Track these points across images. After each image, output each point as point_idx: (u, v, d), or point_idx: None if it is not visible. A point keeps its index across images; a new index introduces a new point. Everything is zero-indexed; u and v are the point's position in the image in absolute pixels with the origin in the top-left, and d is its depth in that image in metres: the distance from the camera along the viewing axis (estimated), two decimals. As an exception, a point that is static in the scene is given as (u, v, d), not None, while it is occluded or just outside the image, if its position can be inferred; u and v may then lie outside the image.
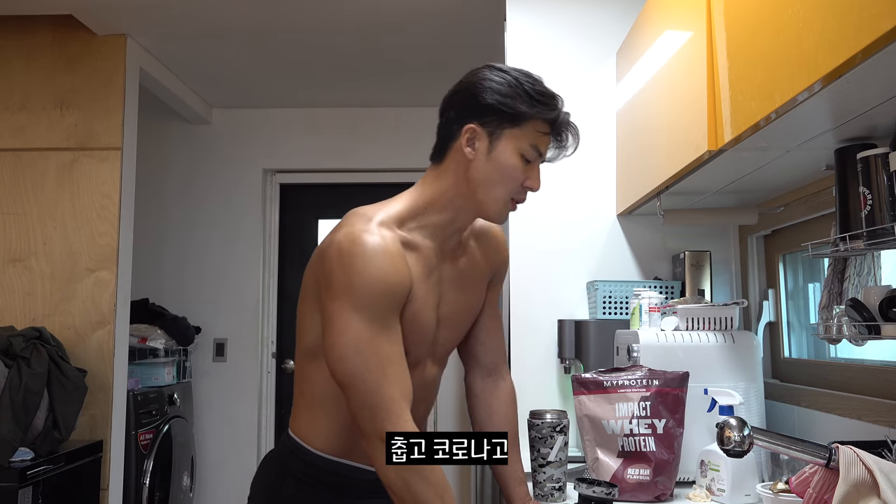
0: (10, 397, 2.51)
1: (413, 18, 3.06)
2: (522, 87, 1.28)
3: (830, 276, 1.60)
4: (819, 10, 1.04)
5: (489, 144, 1.29)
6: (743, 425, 1.23)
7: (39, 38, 3.17)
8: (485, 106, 1.28)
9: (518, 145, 1.29)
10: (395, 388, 1.19)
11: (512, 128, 1.28)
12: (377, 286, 1.20)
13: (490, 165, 1.29)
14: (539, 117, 1.28)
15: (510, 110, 1.27)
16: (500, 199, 1.31)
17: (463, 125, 1.29)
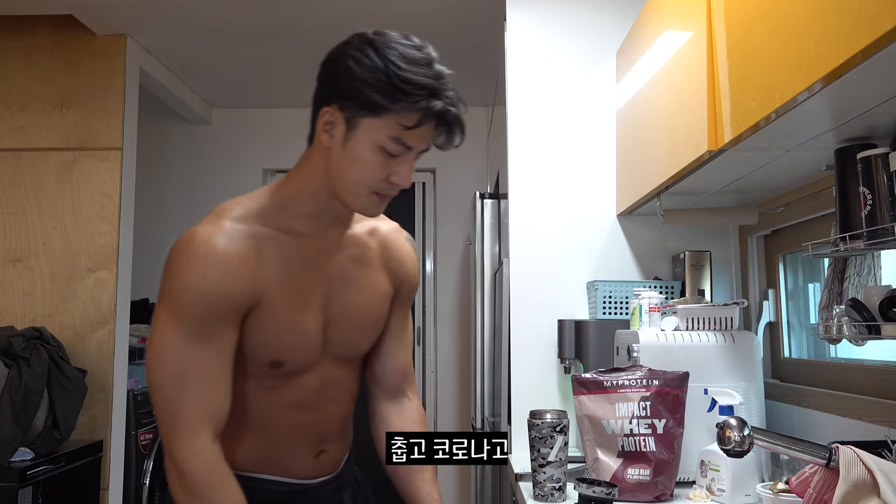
0: (10, 397, 2.51)
1: (413, 18, 3.07)
2: (388, 72, 1.09)
3: (830, 276, 1.60)
4: (819, 10, 1.04)
5: (345, 133, 1.13)
6: (743, 425, 1.23)
7: (39, 38, 3.17)
8: (342, 89, 1.12)
9: (376, 138, 1.12)
10: (194, 404, 1.09)
11: (370, 117, 1.11)
12: (198, 294, 1.10)
13: (345, 157, 1.14)
14: (401, 111, 1.10)
15: (366, 99, 1.10)
16: (359, 194, 1.16)
17: (321, 107, 1.15)
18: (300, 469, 1.28)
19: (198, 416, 1.10)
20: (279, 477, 1.26)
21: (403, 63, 1.11)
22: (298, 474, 1.27)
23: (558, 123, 2.35)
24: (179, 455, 1.09)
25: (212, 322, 1.11)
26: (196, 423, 1.09)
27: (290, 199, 1.20)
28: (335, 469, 1.33)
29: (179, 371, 1.10)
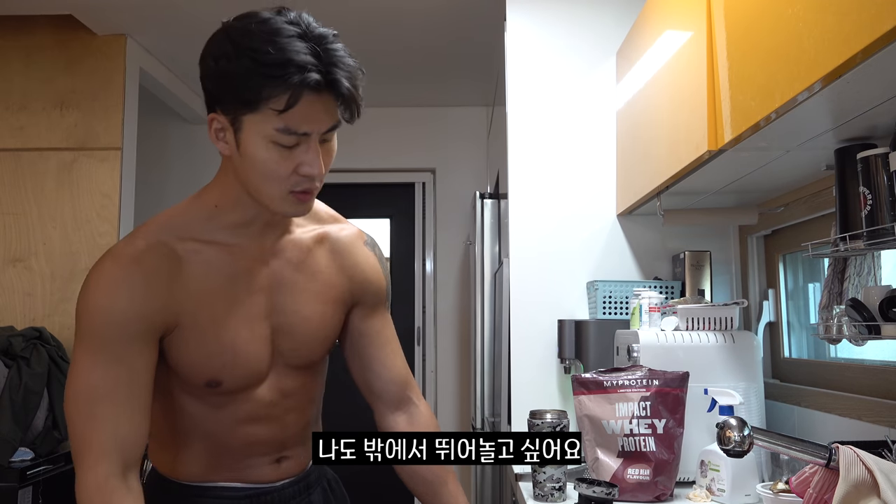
0: (10, 397, 2.51)
1: (413, 18, 3.06)
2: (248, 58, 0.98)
3: (830, 276, 1.60)
4: (819, 10, 1.04)
5: (235, 137, 1.03)
6: (743, 425, 1.23)
7: (39, 38, 3.17)
8: (214, 92, 1.04)
9: (263, 132, 1.01)
10: (100, 432, 1.02)
11: (249, 114, 1.00)
12: (104, 315, 1.04)
13: (244, 162, 1.04)
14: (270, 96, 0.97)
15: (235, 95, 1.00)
16: (275, 196, 1.06)
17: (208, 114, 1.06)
18: (259, 475, 1.24)
19: (102, 445, 1.02)
20: (235, 483, 1.22)
21: (261, 42, 0.98)
22: (257, 480, 1.24)
23: (558, 123, 2.35)
24: (80, 484, 1.02)
25: (122, 344, 1.05)
26: (101, 453, 1.02)
27: (213, 210, 1.13)
28: (300, 471, 1.30)
29: (87, 397, 1.04)
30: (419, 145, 4.16)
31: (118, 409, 1.04)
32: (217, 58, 1.01)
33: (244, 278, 1.15)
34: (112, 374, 1.04)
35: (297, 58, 0.97)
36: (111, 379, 1.04)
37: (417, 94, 3.96)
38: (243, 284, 1.15)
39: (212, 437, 1.20)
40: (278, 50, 0.97)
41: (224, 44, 1.01)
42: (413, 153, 4.15)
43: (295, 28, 1.01)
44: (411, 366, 4.18)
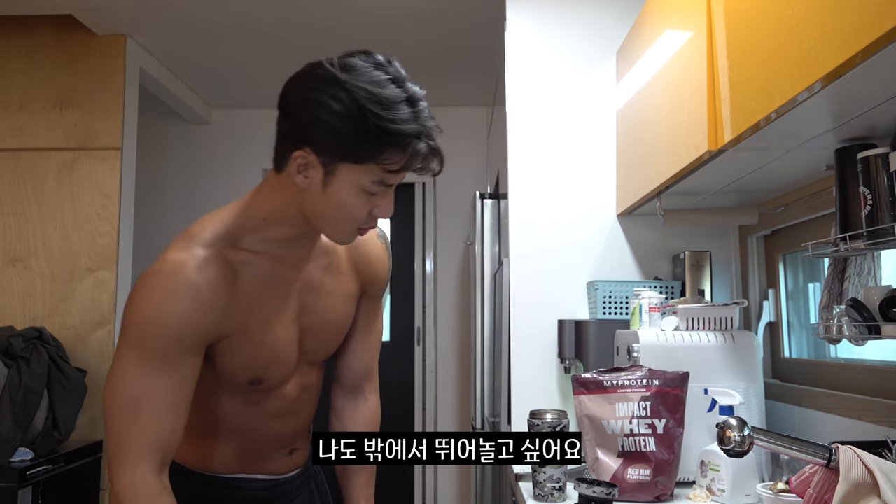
0: (10, 397, 2.51)
1: (413, 18, 3.07)
2: (366, 119, 1.04)
3: (830, 276, 1.60)
4: (819, 10, 1.04)
5: (324, 178, 1.09)
6: (743, 425, 1.23)
7: (39, 38, 3.17)
8: (316, 135, 1.07)
9: (359, 183, 1.09)
10: (143, 435, 1.07)
11: (352, 164, 1.07)
12: (165, 326, 1.07)
13: (326, 200, 1.10)
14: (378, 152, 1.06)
15: (348, 151, 1.06)
16: (345, 231, 1.16)
17: (293, 149, 1.09)
18: (276, 467, 1.34)
19: (144, 447, 1.07)
20: (257, 475, 1.31)
21: (381, 109, 1.04)
22: (274, 471, 1.33)
23: (558, 123, 2.35)
24: (121, 484, 1.06)
25: (176, 353, 1.09)
26: (141, 453, 1.07)
27: (261, 223, 1.17)
28: (304, 462, 1.41)
29: (133, 401, 1.07)
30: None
31: (163, 415, 1.09)
32: (332, 110, 1.04)
33: (283, 285, 1.21)
34: (162, 382, 1.08)
35: (410, 128, 1.06)
36: (160, 386, 1.08)
37: (417, 94, 3.96)
38: (282, 290, 1.21)
39: (244, 432, 1.27)
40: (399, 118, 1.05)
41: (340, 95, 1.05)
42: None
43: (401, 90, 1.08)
44: (411, 366, 4.18)
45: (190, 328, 1.09)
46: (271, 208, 1.17)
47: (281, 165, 1.13)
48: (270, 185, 1.17)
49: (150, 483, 1.07)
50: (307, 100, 1.08)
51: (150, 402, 1.07)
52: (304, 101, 1.09)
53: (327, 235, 1.19)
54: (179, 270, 1.09)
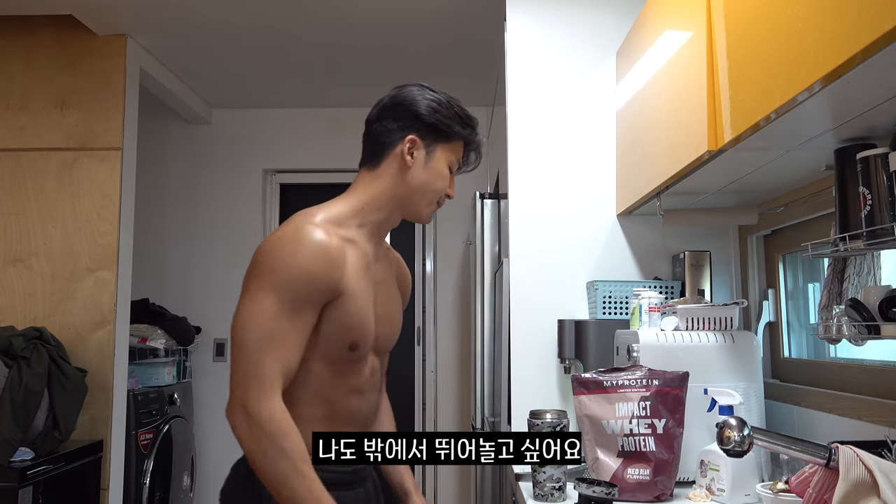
0: (11, 397, 2.51)
1: (413, 18, 3.07)
2: (453, 109, 1.46)
3: (830, 276, 1.60)
4: (819, 10, 1.04)
5: (426, 155, 1.44)
6: (743, 425, 1.23)
7: (39, 38, 3.17)
8: (425, 121, 1.43)
9: (448, 158, 1.46)
10: (275, 365, 1.25)
11: (444, 143, 1.45)
12: (299, 273, 1.28)
13: (426, 173, 1.44)
14: (464, 137, 1.48)
15: (446, 129, 1.44)
16: (432, 202, 1.47)
17: (403, 136, 1.44)
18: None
19: (276, 375, 1.25)
20: None
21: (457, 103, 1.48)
22: None
23: (558, 123, 2.35)
24: (256, 405, 1.23)
25: (304, 302, 1.28)
26: (274, 380, 1.24)
27: (359, 210, 1.43)
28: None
29: (268, 335, 1.25)
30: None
31: (290, 353, 1.27)
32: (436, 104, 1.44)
33: (369, 271, 1.42)
34: (292, 323, 1.27)
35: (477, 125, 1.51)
36: (290, 327, 1.27)
37: (417, 94, 3.96)
38: (369, 275, 1.42)
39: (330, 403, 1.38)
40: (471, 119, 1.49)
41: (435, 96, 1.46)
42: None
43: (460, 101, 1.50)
44: (411, 366, 4.18)
45: (319, 281, 1.29)
46: (370, 196, 1.44)
47: (378, 160, 1.45)
48: (366, 180, 1.46)
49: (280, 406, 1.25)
50: (415, 99, 1.44)
51: (282, 340, 1.26)
52: (412, 101, 1.44)
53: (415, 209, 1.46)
54: (312, 232, 1.31)
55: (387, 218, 1.46)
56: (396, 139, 1.44)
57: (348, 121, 4.20)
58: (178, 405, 3.68)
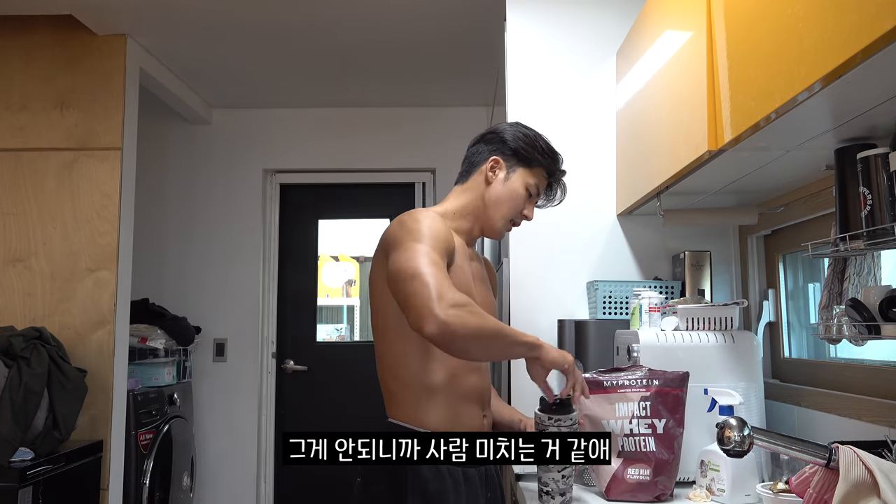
0: (10, 397, 2.51)
1: (413, 18, 3.07)
2: (538, 142, 1.71)
3: (830, 276, 1.60)
4: (819, 10, 1.04)
5: (506, 174, 1.70)
6: (743, 425, 1.23)
7: (39, 38, 3.17)
8: (509, 146, 1.70)
9: (526, 181, 1.70)
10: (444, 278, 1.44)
11: (525, 168, 1.70)
12: (435, 232, 1.52)
13: (504, 189, 1.70)
14: (545, 167, 1.71)
15: (527, 155, 1.70)
16: (505, 218, 1.71)
17: (489, 156, 1.71)
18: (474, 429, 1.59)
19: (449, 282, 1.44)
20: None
21: (544, 138, 1.74)
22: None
23: (558, 123, 2.35)
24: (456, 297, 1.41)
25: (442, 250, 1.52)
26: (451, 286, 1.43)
27: (450, 215, 1.71)
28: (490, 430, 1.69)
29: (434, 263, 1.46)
30: (419, 145, 4.16)
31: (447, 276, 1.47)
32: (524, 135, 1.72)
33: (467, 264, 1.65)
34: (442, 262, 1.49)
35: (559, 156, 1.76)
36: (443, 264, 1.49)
37: (417, 94, 3.96)
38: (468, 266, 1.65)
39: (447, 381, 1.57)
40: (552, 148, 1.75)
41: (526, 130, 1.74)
42: (413, 153, 4.15)
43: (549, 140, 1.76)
44: (411, 366, 4.18)
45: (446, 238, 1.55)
46: (459, 205, 1.73)
47: (468, 177, 1.75)
48: (456, 193, 1.76)
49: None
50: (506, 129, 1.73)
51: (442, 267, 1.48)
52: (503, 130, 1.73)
53: (491, 223, 1.71)
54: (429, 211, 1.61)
55: (470, 227, 1.72)
56: (483, 159, 1.72)
57: (348, 121, 4.22)
58: (178, 405, 3.68)
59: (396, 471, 1.48)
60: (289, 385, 4.24)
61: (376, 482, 1.52)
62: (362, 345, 4.38)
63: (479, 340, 1.42)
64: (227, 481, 4.01)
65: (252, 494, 4.02)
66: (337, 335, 4.56)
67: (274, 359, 4.21)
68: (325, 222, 4.40)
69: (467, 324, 1.38)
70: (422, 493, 1.47)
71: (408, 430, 1.53)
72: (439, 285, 1.40)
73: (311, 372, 4.24)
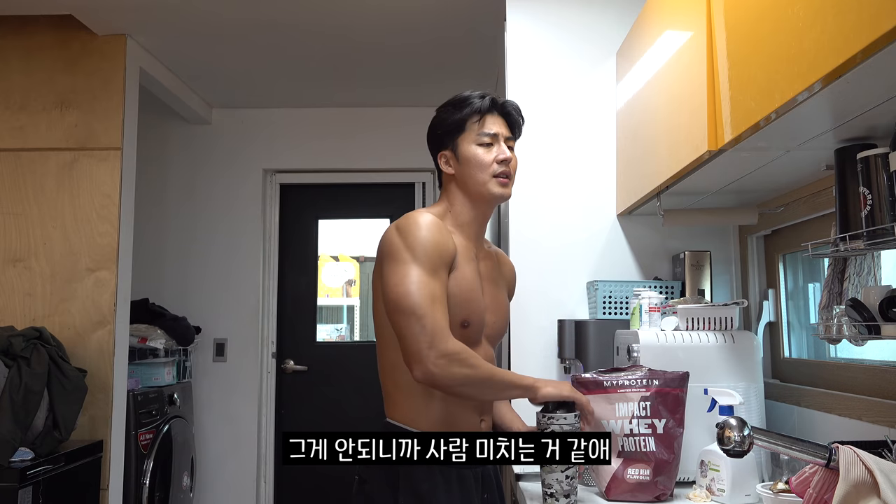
0: (11, 397, 2.51)
1: (413, 18, 3.07)
2: (445, 107, 1.68)
3: (830, 276, 1.60)
4: (819, 10, 1.04)
5: (454, 155, 1.66)
6: (743, 425, 1.23)
7: (39, 38, 3.17)
8: (436, 137, 1.69)
9: (470, 140, 1.64)
10: (444, 319, 1.46)
11: (458, 135, 1.65)
12: (430, 244, 1.51)
13: (464, 167, 1.65)
14: (468, 117, 1.65)
15: (449, 126, 1.66)
16: (486, 180, 1.63)
17: (436, 156, 1.70)
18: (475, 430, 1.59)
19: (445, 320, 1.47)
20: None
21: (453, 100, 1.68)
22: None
23: (558, 123, 2.35)
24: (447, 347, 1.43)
25: (441, 266, 1.52)
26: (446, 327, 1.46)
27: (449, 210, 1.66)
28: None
29: (431, 298, 1.46)
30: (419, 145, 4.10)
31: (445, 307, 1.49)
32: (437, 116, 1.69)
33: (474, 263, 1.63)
34: (439, 283, 1.50)
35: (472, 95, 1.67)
36: (439, 287, 1.50)
37: (417, 94, 3.96)
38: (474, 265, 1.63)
39: None
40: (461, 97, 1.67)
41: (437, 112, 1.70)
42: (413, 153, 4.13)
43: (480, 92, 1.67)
44: (411, 366, 4.17)
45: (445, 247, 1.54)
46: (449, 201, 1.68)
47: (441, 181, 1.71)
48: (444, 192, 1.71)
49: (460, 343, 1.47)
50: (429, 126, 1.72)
51: (439, 297, 1.48)
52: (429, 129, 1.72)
53: (481, 193, 1.64)
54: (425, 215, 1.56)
55: (474, 214, 1.67)
56: (437, 162, 1.71)
57: (348, 121, 4.22)
58: (177, 405, 3.68)
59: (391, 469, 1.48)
60: (289, 385, 4.24)
61: (370, 480, 1.53)
62: (362, 345, 4.38)
63: (467, 388, 1.48)
64: (227, 481, 4.01)
65: (252, 494, 4.02)
66: (337, 335, 4.56)
67: (274, 359, 4.21)
68: (324, 222, 4.40)
69: (454, 375, 1.42)
70: (413, 491, 1.48)
71: (405, 430, 1.52)
72: (433, 329, 1.42)
73: (311, 372, 4.24)
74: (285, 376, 4.23)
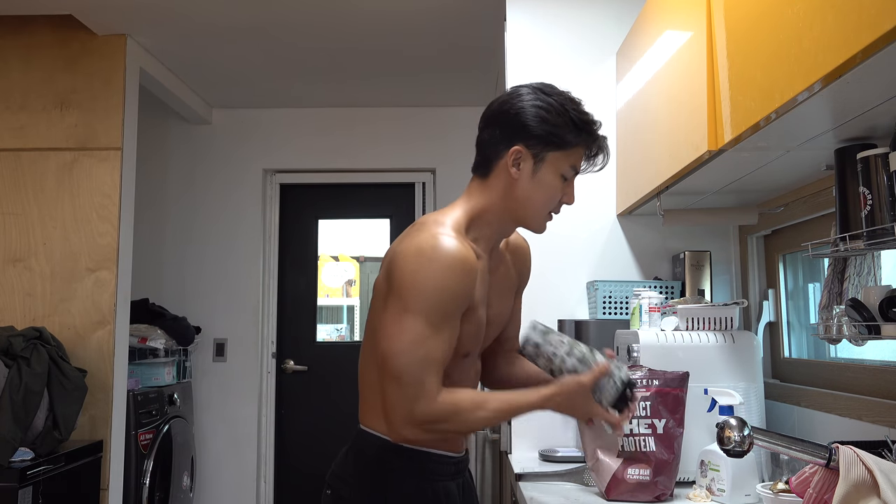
0: (10, 397, 2.51)
1: (413, 18, 3.06)
2: (568, 114, 1.37)
3: (830, 276, 1.60)
4: (819, 10, 1.04)
5: (533, 166, 1.39)
6: (743, 425, 1.23)
7: (39, 38, 3.17)
8: (532, 131, 1.37)
9: (560, 168, 1.40)
10: (434, 383, 1.30)
11: (556, 151, 1.38)
12: (444, 293, 1.30)
13: (534, 186, 1.40)
14: (578, 143, 1.39)
15: (557, 139, 1.37)
16: (542, 215, 1.44)
17: (509, 146, 1.38)
18: (457, 445, 1.48)
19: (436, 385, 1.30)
20: (449, 452, 1.44)
21: (574, 105, 1.38)
22: (456, 449, 1.48)
23: (558, 123, 2.35)
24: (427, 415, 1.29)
25: (452, 316, 1.33)
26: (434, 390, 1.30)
27: (473, 221, 1.41)
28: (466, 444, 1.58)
29: (426, 360, 1.29)
30: (419, 145, 4.16)
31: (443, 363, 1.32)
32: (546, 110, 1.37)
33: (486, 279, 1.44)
34: (443, 337, 1.31)
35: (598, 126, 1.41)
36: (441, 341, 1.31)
37: (417, 94, 3.96)
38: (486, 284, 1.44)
39: None
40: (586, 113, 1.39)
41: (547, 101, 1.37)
42: (413, 153, 4.14)
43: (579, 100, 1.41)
44: (411, 366, 4.17)
45: (463, 295, 1.33)
46: (482, 207, 1.42)
47: (488, 170, 1.41)
48: (477, 190, 1.43)
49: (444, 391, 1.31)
50: (518, 107, 1.38)
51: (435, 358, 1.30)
52: (515, 109, 1.38)
53: (526, 222, 1.45)
54: (453, 248, 1.31)
55: (498, 231, 1.46)
56: (502, 150, 1.39)
57: (348, 121, 4.22)
58: (177, 405, 3.68)
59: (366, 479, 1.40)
60: (289, 385, 4.24)
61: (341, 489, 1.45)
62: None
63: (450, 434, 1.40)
64: (227, 481, 4.01)
65: (252, 494, 4.02)
66: (337, 335, 4.56)
67: (274, 359, 4.21)
68: (324, 222, 4.40)
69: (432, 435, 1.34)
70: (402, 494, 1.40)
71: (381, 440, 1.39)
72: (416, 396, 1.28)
73: (311, 372, 4.24)
74: (285, 376, 4.23)
